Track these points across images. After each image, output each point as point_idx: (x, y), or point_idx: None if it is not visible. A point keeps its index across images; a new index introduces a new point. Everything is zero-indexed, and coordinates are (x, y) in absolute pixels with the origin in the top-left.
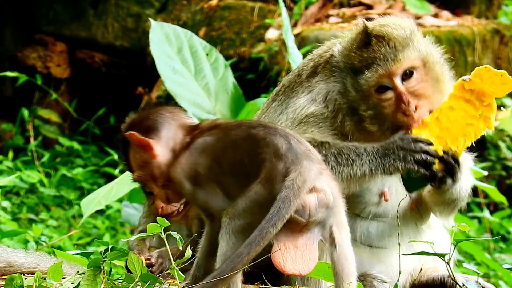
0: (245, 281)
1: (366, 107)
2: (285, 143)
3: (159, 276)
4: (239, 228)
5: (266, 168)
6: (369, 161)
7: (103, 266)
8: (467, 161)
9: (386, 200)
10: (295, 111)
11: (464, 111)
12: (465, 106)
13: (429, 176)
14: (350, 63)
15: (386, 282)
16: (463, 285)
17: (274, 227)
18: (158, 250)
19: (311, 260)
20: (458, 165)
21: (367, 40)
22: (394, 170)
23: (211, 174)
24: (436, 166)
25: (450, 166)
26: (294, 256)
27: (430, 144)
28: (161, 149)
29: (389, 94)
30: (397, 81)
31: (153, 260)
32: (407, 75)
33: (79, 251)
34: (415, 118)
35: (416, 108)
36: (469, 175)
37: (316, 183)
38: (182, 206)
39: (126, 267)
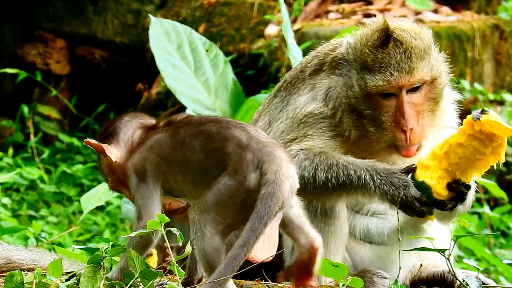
0: (245, 277)
1: (366, 106)
2: (244, 133)
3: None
4: (212, 221)
5: (232, 160)
6: (361, 185)
7: (103, 263)
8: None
9: None
10: (295, 110)
11: (474, 148)
12: (474, 143)
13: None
14: (362, 58)
15: (386, 278)
16: (463, 280)
17: (265, 225)
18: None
19: (275, 244)
20: (469, 189)
21: (385, 40)
22: (384, 203)
23: (158, 172)
24: (445, 196)
25: (461, 193)
26: (262, 244)
27: (432, 205)
28: (119, 152)
29: (392, 101)
30: (404, 92)
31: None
32: (414, 88)
33: (83, 247)
34: (409, 142)
35: (412, 129)
36: (473, 186)
37: (289, 171)
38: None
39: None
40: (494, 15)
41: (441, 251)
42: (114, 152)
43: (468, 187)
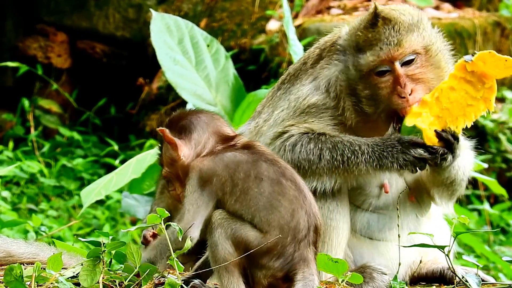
0: None
1: (363, 87)
2: (306, 227)
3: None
4: (231, 243)
5: (276, 235)
6: (365, 160)
7: (102, 257)
8: (465, 143)
9: (386, 192)
10: (297, 100)
11: (465, 92)
12: (466, 87)
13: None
14: (355, 41)
15: (385, 274)
16: (463, 277)
17: None
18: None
19: None
20: (458, 142)
21: (374, 20)
22: (391, 171)
23: (219, 190)
24: (436, 143)
25: (449, 143)
26: None
27: (426, 148)
28: (188, 151)
29: (387, 77)
30: (397, 65)
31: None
32: (407, 60)
33: (87, 239)
34: (409, 102)
35: (411, 92)
36: (469, 157)
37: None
38: None
39: None
40: (496, 12)
41: (441, 248)
42: (184, 151)
43: (456, 137)
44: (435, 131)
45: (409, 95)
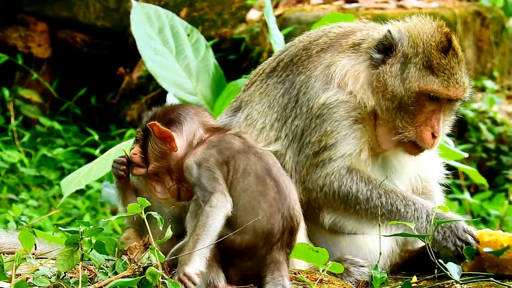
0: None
1: (411, 102)
2: (280, 231)
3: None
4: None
5: (248, 239)
6: (414, 217)
7: (80, 244)
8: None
9: None
10: (308, 103)
11: None
12: None
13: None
14: (427, 57)
15: (363, 266)
16: (442, 265)
17: None
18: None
19: None
20: None
21: (448, 47)
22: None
23: (216, 167)
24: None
25: None
26: None
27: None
28: (180, 142)
29: (432, 105)
30: (446, 102)
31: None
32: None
33: (67, 229)
34: (434, 144)
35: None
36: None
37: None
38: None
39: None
40: (476, 1)
41: (421, 237)
42: (177, 142)
43: None
44: None
45: (438, 135)
